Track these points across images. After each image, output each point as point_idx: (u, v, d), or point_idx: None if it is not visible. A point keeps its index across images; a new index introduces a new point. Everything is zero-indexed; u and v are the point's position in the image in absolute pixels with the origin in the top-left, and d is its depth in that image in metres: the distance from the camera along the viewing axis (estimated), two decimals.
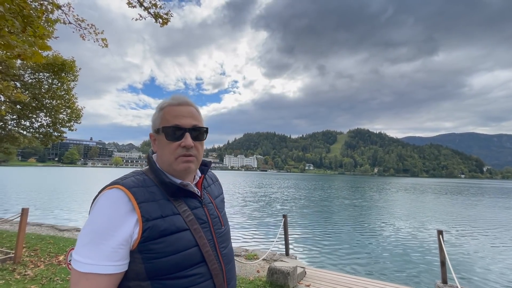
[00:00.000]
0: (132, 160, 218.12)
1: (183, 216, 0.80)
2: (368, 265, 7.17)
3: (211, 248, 0.83)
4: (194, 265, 0.78)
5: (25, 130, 8.06)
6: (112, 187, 0.75)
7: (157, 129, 0.86)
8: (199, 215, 0.85)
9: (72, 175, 58.12)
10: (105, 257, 0.68)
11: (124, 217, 0.71)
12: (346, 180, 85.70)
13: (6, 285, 3.69)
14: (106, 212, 0.71)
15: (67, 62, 7.76)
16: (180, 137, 0.83)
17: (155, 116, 0.88)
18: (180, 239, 0.76)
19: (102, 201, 0.73)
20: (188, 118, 0.85)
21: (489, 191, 48.17)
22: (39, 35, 3.26)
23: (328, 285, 4.28)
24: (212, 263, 0.82)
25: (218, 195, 1.02)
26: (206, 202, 0.91)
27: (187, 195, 0.85)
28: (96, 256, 0.67)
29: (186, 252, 0.77)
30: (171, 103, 0.87)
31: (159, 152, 0.87)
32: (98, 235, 0.69)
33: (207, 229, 0.85)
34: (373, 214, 16.59)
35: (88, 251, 0.68)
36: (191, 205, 0.85)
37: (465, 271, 6.96)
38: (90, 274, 0.66)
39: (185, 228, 0.78)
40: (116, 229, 0.70)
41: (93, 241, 0.68)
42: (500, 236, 11.39)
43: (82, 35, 5.04)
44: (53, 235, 6.76)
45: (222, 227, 0.93)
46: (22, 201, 16.36)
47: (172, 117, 0.84)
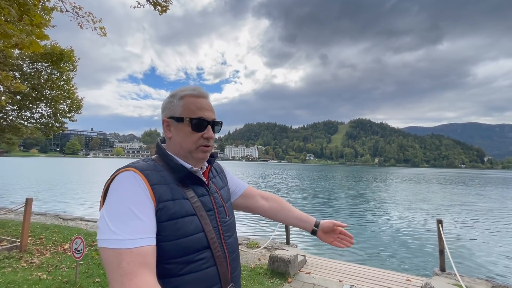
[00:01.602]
0: (134, 150, 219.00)
1: (191, 202, 0.82)
2: (368, 253, 7.30)
3: (216, 236, 0.85)
4: (199, 251, 0.79)
5: (26, 120, 8.07)
6: (126, 169, 0.76)
7: (179, 118, 0.87)
8: (206, 202, 0.87)
9: (75, 165, 58.54)
10: (148, 229, 0.68)
11: (145, 193, 0.73)
12: (346, 170, 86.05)
13: (14, 272, 3.78)
14: (130, 188, 0.72)
15: (65, 51, 7.66)
16: (203, 129, 0.88)
17: (174, 104, 0.90)
18: (188, 223, 0.78)
19: (121, 181, 0.73)
20: (210, 112, 0.90)
21: (488, 181, 48.35)
22: (36, 23, 3.20)
23: (328, 273, 4.36)
24: (216, 250, 0.83)
25: (223, 186, 1.03)
26: (212, 191, 0.93)
27: (195, 182, 0.88)
28: (141, 230, 0.67)
29: (193, 236, 0.78)
30: (192, 94, 0.90)
31: (176, 139, 0.89)
32: (129, 210, 0.68)
33: (212, 217, 0.87)
34: (373, 203, 16.74)
35: (125, 226, 0.66)
36: (198, 192, 0.87)
37: (463, 260, 7.07)
38: (133, 249, 0.64)
39: (193, 213, 0.80)
40: (144, 203, 0.71)
41: (127, 216, 0.67)
42: (498, 225, 11.51)
43: (80, 23, 4.95)
44: (57, 224, 6.87)
45: (227, 216, 0.95)
46: (25, 192, 16.56)
47: (197, 109, 0.88)
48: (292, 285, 3.85)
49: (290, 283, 3.91)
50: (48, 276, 3.67)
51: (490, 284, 4.19)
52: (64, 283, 3.47)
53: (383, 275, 4.35)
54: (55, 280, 3.56)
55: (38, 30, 3.28)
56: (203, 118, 0.87)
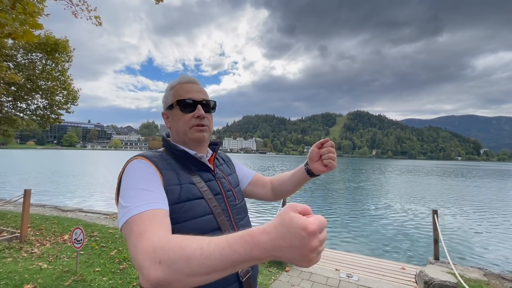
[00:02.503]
0: (131, 142, 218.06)
1: (198, 187, 0.84)
2: (364, 243, 7.43)
3: (225, 218, 0.87)
4: (210, 232, 0.81)
5: (22, 112, 7.98)
6: (134, 158, 0.81)
7: (170, 105, 0.92)
8: (213, 187, 0.89)
9: (73, 158, 58.32)
10: (157, 197, 0.70)
11: (154, 173, 0.77)
12: (345, 162, 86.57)
13: (14, 262, 3.82)
14: (142, 169, 0.76)
15: (60, 42, 7.52)
16: (193, 109, 0.90)
17: (166, 95, 0.95)
18: (196, 205, 0.80)
19: (132, 166, 0.77)
20: (199, 93, 0.93)
21: (484, 173, 48.92)
22: (29, 12, 3.13)
23: (325, 262, 4.45)
24: (227, 232, 0.82)
25: (231, 173, 1.05)
26: (219, 176, 0.95)
27: (201, 169, 0.91)
28: (149, 198, 0.68)
29: (202, 218, 0.80)
30: (181, 81, 0.95)
31: (173, 125, 0.94)
32: (139, 188, 0.70)
33: (221, 200, 0.89)
34: (370, 194, 16.93)
35: (133, 199, 0.67)
36: (205, 178, 0.89)
37: (457, 249, 7.22)
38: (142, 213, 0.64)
39: (200, 197, 0.83)
40: (153, 179, 0.75)
41: (137, 192, 0.69)
42: (492, 215, 11.72)
43: (74, 12, 4.83)
44: (56, 215, 6.90)
45: (237, 200, 0.96)
46: (23, 184, 16.53)
47: (185, 92, 0.92)
48: (289, 273, 3.93)
49: (287, 271, 3.99)
50: (49, 266, 3.72)
51: (482, 272, 4.31)
52: (65, 272, 3.52)
53: (378, 264, 4.45)
54: (56, 269, 3.61)
55: (32, 19, 3.21)
56: (191, 98, 0.90)
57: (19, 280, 3.25)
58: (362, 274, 3.99)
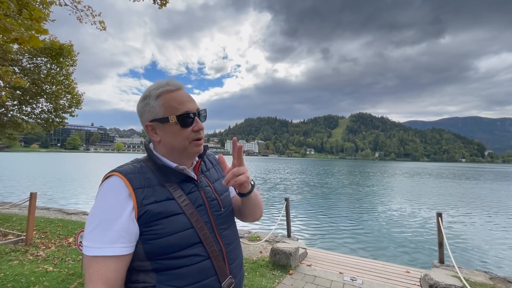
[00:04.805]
0: (134, 145, 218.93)
1: (178, 201, 0.82)
2: (368, 246, 7.38)
3: (208, 230, 0.85)
4: (190, 246, 0.80)
5: (27, 116, 8.07)
6: (111, 174, 0.80)
7: (163, 118, 0.83)
8: (195, 198, 0.87)
9: (76, 160, 58.67)
10: (111, 240, 0.72)
11: (124, 202, 0.76)
12: (348, 165, 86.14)
13: (21, 265, 3.85)
14: (107, 199, 0.76)
15: (65, 46, 7.61)
16: (192, 122, 0.86)
17: (152, 105, 0.84)
18: (175, 221, 0.79)
19: (103, 189, 0.78)
20: (191, 102, 0.87)
21: (489, 175, 48.41)
22: (35, 17, 3.18)
23: (328, 265, 4.43)
24: (210, 245, 0.83)
25: (218, 179, 1.01)
26: (203, 185, 0.92)
27: (182, 180, 0.87)
28: (102, 240, 0.72)
29: (182, 233, 0.79)
30: (168, 89, 0.85)
31: (167, 140, 0.86)
32: (103, 221, 0.73)
33: (204, 212, 0.87)
34: (373, 197, 16.82)
35: (95, 237, 0.73)
36: (186, 190, 0.86)
37: (462, 252, 7.15)
38: (99, 257, 0.71)
39: (179, 212, 0.81)
40: (118, 215, 0.74)
41: (99, 227, 0.73)
42: (497, 218, 11.59)
43: (79, 17, 4.90)
44: (61, 218, 6.95)
45: (222, 209, 0.93)
46: (28, 187, 16.66)
47: (179, 104, 0.84)
48: (293, 277, 3.92)
49: (291, 275, 3.98)
50: (55, 269, 3.74)
51: (488, 276, 4.26)
52: (71, 275, 3.54)
53: (382, 267, 4.41)
54: (62, 272, 3.63)
55: (37, 24, 3.26)
56: (188, 111, 0.84)
57: (25, 282, 3.28)
58: (366, 278, 3.96)
